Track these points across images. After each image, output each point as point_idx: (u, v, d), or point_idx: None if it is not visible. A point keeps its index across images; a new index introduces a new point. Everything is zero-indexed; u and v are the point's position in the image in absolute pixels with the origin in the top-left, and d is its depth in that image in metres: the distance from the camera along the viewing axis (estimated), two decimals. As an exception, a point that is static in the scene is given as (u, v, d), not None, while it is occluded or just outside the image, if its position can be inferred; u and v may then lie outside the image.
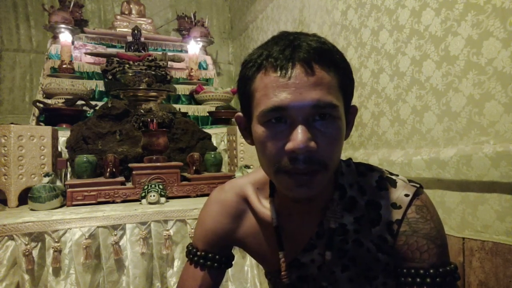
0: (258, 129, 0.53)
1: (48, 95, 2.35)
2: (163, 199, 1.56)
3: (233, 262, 0.74)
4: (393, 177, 0.61)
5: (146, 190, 1.56)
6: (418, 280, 0.54)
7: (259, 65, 0.52)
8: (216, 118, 2.56)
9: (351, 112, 0.58)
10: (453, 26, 1.18)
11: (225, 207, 0.68)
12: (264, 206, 0.65)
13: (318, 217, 0.60)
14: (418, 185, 0.59)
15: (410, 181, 0.60)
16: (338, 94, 0.52)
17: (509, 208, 1.00)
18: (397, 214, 0.57)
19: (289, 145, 0.49)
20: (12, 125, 1.57)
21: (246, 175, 0.73)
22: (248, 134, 0.60)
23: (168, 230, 1.41)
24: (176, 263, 1.43)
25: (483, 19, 1.08)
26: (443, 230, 0.58)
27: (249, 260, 1.49)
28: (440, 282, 0.54)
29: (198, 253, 0.69)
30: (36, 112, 2.28)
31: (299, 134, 0.48)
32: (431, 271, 0.54)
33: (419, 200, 0.58)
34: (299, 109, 0.49)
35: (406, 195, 0.57)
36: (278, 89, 0.49)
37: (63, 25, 2.66)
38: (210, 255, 0.68)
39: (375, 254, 0.58)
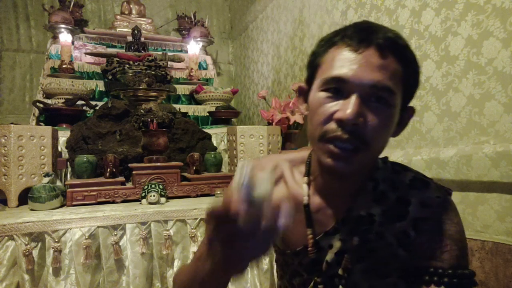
0: (316, 95, 0.56)
1: (48, 95, 2.35)
2: (163, 199, 1.56)
3: None
4: (427, 179, 0.62)
5: (146, 190, 1.56)
6: (435, 278, 0.54)
7: (333, 42, 0.55)
8: (216, 118, 2.56)
9: (408, 112, 0.60)
10: (453, 26, 1.18)
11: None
12: (297, 184, 0.66)
13: (347, 204, 0.61)
14: (449, 190, 0.61)
15: (442, 186, 0.62)
16: (399, 85, 0.54)
17: (509, 208, 1.00)
18: (425, 213, 0.58)
19: (339, 113, 0.51)
20: (12, 125, 1.57)
21: (284, 153, 0.74)
22: (303, 102, 0.63)
23: (168, 230, 1.41)
24: (176, 263, 1.42)
25: (483, 19, 1.08)
26: (465, 237, 0.59)
27: (249, 260, 1.49)
28: (458, 283, 0.54)
29: None
30: (36, 112, 2.28)
31: (351, 106, 0.50)
32: (450, 271, 0.54)
33: (448, 204, 0.59)
34: (358, 84, 0.51)
35: (437, 197, 0.59)
36: (345, 61, 0.52)
37: (63, 25, 2.66)
38: None
39: (395, 249, 0.58)
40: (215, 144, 2.26)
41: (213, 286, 0.52)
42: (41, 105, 2.20)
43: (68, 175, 1.94)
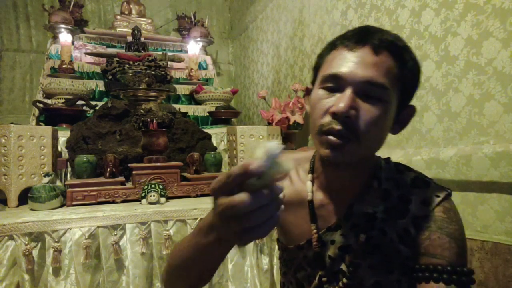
0: (316, 92, 0.60)
1: (48, 95, 2.35)
2: (163, 199, 1.56)
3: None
4: (428, 179, 0.64)
5: (146, 190, 1.56)
6: (435, 275, 0.55)
7: (334, 45, 0.60)
8: (216, 118, 2.56)
9: (407, 110, 0.62)
10: (453, 26, 1.18)
11: None
12: (301, 181, 0.69)
13: (349, 201, 0.63)
14: (449, 190, 0.63)
15: (442, 186, 0.64)
16: (394, 82, 0.56)
17: (509, 208, 1.00)
18: (425, 211, 0.60)
19: (333, 107, 0.55)
20: (12, 125, 1.57)
21: (289, 152, 0.78)
22: (309, 101, 0.66)
23: (168, 230, 1.41)
24: (176, 263, 1.42)
25: (483, 19, 1.08)
26: (465, 236, 0.60)
27: (249, 261, 1.49)
28: (457, 279, 0.55)
29: None
30: (36, 112, 2.28)
31: (344, 100, 0.54)
32: (449, 268, 0.55)
33: (448, 203, 0.61)
34: (352, 80, 0.55)
35: (437, 196, 0.60)
36: (342, 61, 0.56)
37: (63, 25, 2.66)
38: None
39: (396, 245, 0.59)
40: (215, 144, 2.26)
41: (215, 256, 0.54)
42: (41, 105, 2.20)
43: (68, 175, 1.94)
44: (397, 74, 0.56)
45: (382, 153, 0.65)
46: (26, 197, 1.49)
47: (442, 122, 1.22)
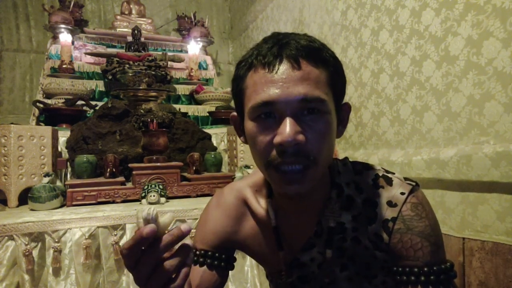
0: (249, 125, 0.54)
1: (48, 95, 2.35)
2: (163, 199, 1.56)
3: (234, 264, 0.72)
4: (389, 175, 0.61)
5: (146, 190, 1.56)
6: (412, 278, 0.54)
7: (250, 64, 0.53)
8: (216, 118, 2.56)
9: (344, 109, 0.59)
10: (453, 26, 1.18)
11: (225, 210, 0.69)
12: (262, 207, 0.65)
13: (316, 216, 0.61)
14: (414, 183, 0.60)
15: (406, 179, 0.60)
16: (327, 89, 0.52)
17: (509, 208, 1.00)
18: (392, 212, 0.57)
19: (277, 138, 0.50)
20: (12, 125, 1.57)
21: (244, 177, 0.73)
22: (242, 133, 0.60)
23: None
24: (176, 263, 1.42)
25: (483, 19, 1.08)
26: (438, 227, 0.58)
27: (249, 261, 1.49)
28: (435, 280, 0.53)
29: (197, 252, 0.68)
30: (36, 112, 2.28)
31: (287, 127, 0.49)
32: (425, 269, 0.54)
33: (415, 198, 0.58)
34: (287, 103, 0.50)
35: (402, 193, 0.58)
36: (266, 84, 0.50)
37: (63, 25, 2.66)
38: (209, 253, 0.67)
39: (372, 251, 0.58)
40: (215, 144, 2.26)
41: None
42: (41, 105, 2.20)
43: (68, 175, 1.94)
44: (326, 79, 0.52)
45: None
46: (26, 197, 1.49)
47: (442, 122, 1.22)
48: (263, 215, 0.65)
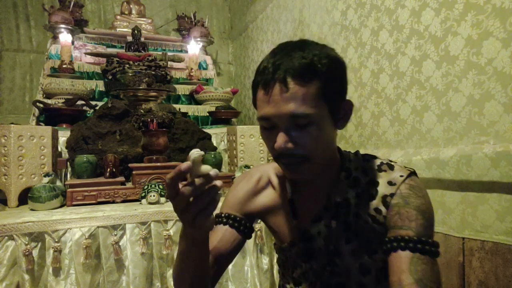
0: (260, 129, 0.68)
1: (48, 95, 2.35)
2: (163, 199, 1.56)
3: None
4: (392, 163, 0.71)
5: (146, 190, 1.56)
6: (402, 244, 0.60)
7: (258, 81, 0.64)
8: (216, 118, 2.56)
9: (344, 107, 0.66)
10: (453, 26, 1.18)
11: (249, 181, 0.81)
12: (281, 185, 0.77)
13: (326, 194, 0.71)
14: (412, 170, 0.69)
15: (406, 167, 0.70)
16: (315, 102, 0.60)
17: (509, 208, 1.00)
18: (391, 189, 0.66)
19: (275, 145, 0.63)
20: (12, 125, 1.57)
21: (268, 163, 0.87)
22: None
23: (168, 230, 1.41)
24: (176, 263, 1.42)
25: (483, 19, 1.08)
26: (432, 209, 0.66)
27: (249, 260, 1.49)
28: (421, 248, 0.59)
29: (222, 214, 0.78)
30: (36, 112, 2.28)
31: (279, 139, 0.62)
32: (415, 238, 0.60)
33: (412, 181, 0.67)
34: (279, 118, 0.61)
35: (401, 176, 0.67)
36: (264, 103, 0.63)
37: (63, 25, 2.66)
38: (232, 216, 0.77)
39: (371, 225, 0.66)
40: (215, 144, 2.26)
41: (195, 260, 0.63)
42: (41, 105, 2.20)
43: (68, 175, 1.94)
44: (315, 92, 0.60)
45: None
46: (26, 197, 1.49)
47: (442, 122, 1.22)
48: (281, 189, 0.77)
